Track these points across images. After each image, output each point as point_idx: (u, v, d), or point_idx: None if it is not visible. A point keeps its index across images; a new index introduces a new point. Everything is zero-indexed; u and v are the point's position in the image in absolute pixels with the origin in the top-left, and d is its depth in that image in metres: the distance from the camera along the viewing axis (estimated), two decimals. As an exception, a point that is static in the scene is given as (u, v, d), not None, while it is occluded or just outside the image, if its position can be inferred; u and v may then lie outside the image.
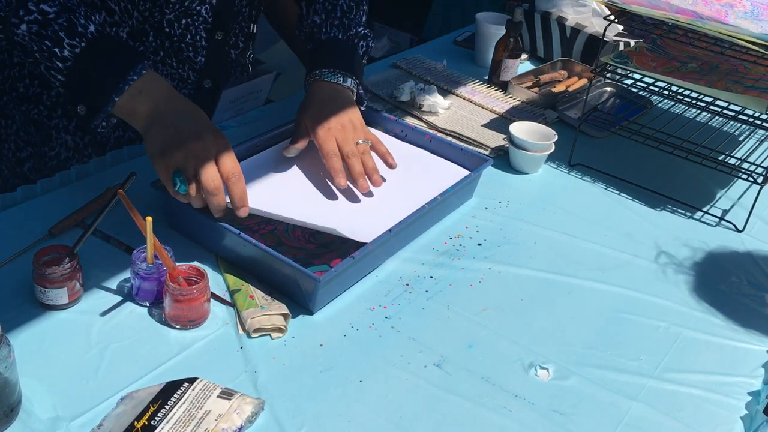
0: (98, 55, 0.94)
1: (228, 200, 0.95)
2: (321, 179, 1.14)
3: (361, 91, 1.21)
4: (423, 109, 1.42)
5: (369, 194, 1.12)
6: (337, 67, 1.17)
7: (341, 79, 1.17)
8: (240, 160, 1.13)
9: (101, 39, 0.95)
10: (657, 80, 1.27)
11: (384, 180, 1.13)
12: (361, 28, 1.24)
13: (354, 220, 1.03)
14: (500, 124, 1.43)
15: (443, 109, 1.43)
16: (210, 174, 0.92)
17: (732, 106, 1.24)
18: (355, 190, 1.11)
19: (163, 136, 0.94)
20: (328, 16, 1.22)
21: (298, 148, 1.12)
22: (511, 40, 1.55)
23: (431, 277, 1.02)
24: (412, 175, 1.19)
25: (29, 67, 1.01)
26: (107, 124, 0.97)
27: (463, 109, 1.47)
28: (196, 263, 0.94)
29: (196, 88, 1.23)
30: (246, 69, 1.33)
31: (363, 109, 1.21)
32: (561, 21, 1.69)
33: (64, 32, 0.93)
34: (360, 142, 1.12)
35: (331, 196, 1.11)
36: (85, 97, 0.95)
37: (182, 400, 0.77)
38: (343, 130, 1.11)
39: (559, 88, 1.57)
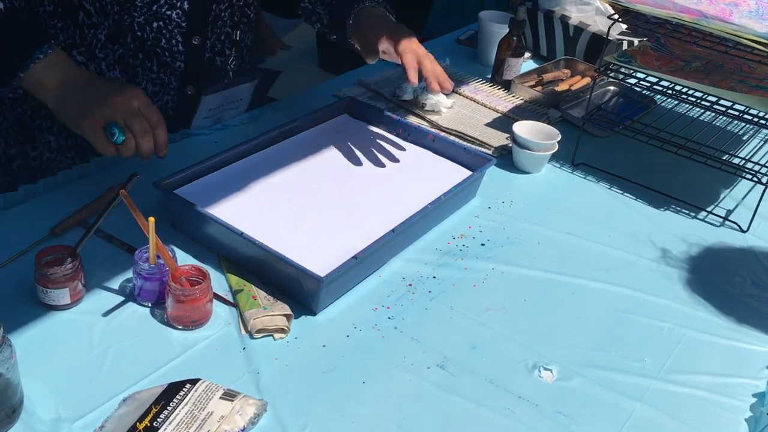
0: (4, 35, 0.98)
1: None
2: (307, 188, 1.12)
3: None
4: (426, 108, 1.41)
5: (373, 191, 1.12)
6: (382, 4, 1.24)
7: (389, 12, 1.24)
8: (238, 159, 1.14)
9: (10, 16, 0.99)
10: (661, 79, 1.27)
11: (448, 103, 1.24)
12: None
13: (327, 242, 1.00)
14: (503, 123, 1.42)
15: (446, 108, 1.42)
16: (139, 122, 0.98)
17: (736, 106, 1.24)
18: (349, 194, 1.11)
19: (79, 101, 0.98)
20: None
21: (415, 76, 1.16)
22: (514, 38, 1.55)
23: (434, 277, 1.02)
24: (415, 175, 1.18)
25: None
26: (13, 95, 1.02)
27: (466, 108, 1.47)
28: (198, 263, 0.94)
29: (179, 95, 1.22)
30: (227, 76, 1.30)
31: None
32: (564, 20, 1.68)
33: None
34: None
35: (325, 204, 1.09)
36: None
37: (185, 401, 0.77)
38: (416, 41, 1.18)
39: (562, 87, 1.57)
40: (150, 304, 0.91)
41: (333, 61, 2.90)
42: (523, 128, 1.30)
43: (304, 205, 1.08)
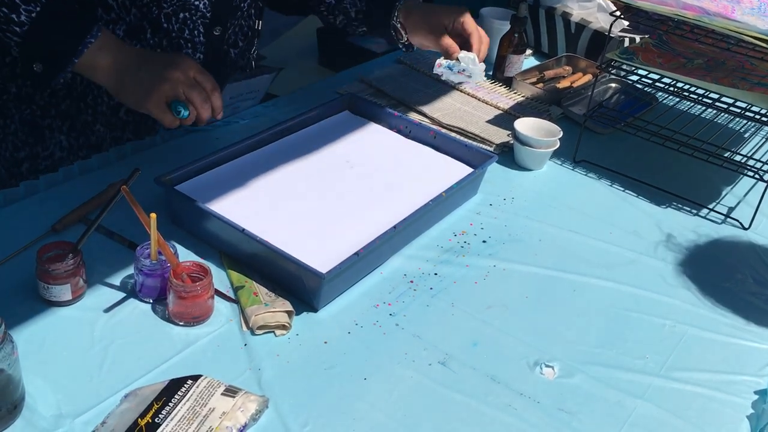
0: (54, 18, 0.98)
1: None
2: (308, 184, 1.12)
3: None
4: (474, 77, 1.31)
5: (373, 191, 1.12)
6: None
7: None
8: (239, 156, 1.14)
9: (55, 3, 0.98)
10: (663, 76, 1.27)
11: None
12: None
13: (329, 238, 1.00)
14: (505, 120, 1.42)
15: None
16: (198, 92, 1.01)
17: (738, 103, 1.24)
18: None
19: (137, 78, 1.00)
20: None
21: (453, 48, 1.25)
22: (516, 35, 1.54)
23: (436, 274, 1.02)
24: (417, 172, 1.18)
25: None
26: (64, 80, 1.02)
27: (468, 105, 1.47)
28: (200, 260, 0.93)
29: None
30: (249, 66, 1.32)
31: None
32: (566, 16, 1.68)
33: None
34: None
35: (326, 200, 1.09)
36: (43, 57, 0.99)
37: (186, 397, 0.77)
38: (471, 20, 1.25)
39: (563, 84, 1.56)
40: (151, 301, 0.91)
41: (334, 58, 2.89)
42: (524, 125, 1.29)
43: (306, 201, 1.08)
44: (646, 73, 1.29)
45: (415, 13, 1.27)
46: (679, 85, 1.26)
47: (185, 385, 0.78)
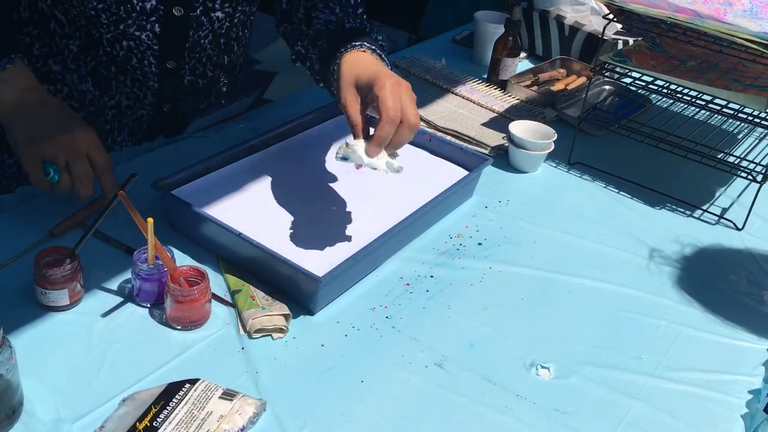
0: None
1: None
2: (304, 188, 1.12)
3: None
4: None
5: (369, 194, 1.12)
6: (374, 45, 1.03)
7: (382, 56, 1.02)
8: (236, 160, 1.14)
9: None
10: (656, 79, 1.28)
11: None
12: (367, 22, 1.15)
13: (324, 241, 1.00)
14: (499, 123, 1.43)
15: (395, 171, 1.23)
16: (81, 166, 0.96)
17: (731, 105, 1.25)
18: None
19: (29, 126, 0.96)
20: (343, 11, 1.12)
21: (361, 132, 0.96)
22: (510, 38, 1.55)
23: (432, 276, 1.02)
24: (412, 175, 1.18)
25: None
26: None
27: (462, 108, 1.47)
28: (197, 264, 0.94)
29: (156, 110, 1.19)
30: (221, 96, 1.25)
31: None
32: (560, 19, 1.69)
33: None
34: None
35: (323, 204, 1.10)
36: None
37: (184, 401, 0.77)
38: (409, 90, 0.95)
39: (558, 87, 1.57)
40: (149, 305, 0.91)
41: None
42: (519, 128, 1.30)
43: (302, 205, 1.09)
44: (640, 75, 1.30)
45: (348, 67, 0.99)
46: (673, 87, 1.27)
47: (183, 389, 0.78)
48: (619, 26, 1.66)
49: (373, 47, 1.02)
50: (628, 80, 1.35)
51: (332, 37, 1.07)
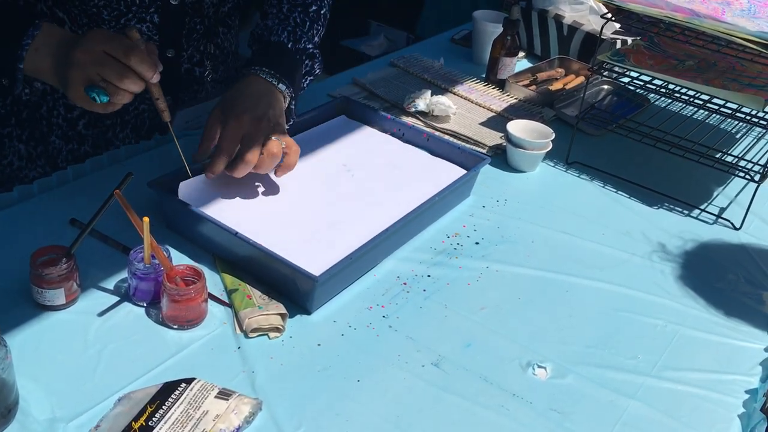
0: None
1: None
2: (301, 187, 1.12)
3: (293, 105, 1.14)
4: (435, 113, 1.40)
5: (366, 192, 1.12)
6: (276, 71, 1.09)
7: (276, 81, 1.09)
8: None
9: None
10: (654, 78, 1.28)
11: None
12: (310, 46, 1.19)
13: (322, 240, 1.01)
14: (498, 122, 1.43)
15: (453, 114, 1.41)
16: (111, 66, 0.90)
17: (729, 104, 1.25)
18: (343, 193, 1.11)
19: (61, 73, 0.93)
20: (280, 23, 1.17)
21: (206, 149, 1.03)
22: (509, 38, 1.55)
23: (429, 276, 1.02)
24: (410, 175, 1.18)
25: None
26: (31, 90, 1.00)
27: (461, 107, 1.47)
28: (193, 263, 0.94)
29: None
30: (203, 87, 1.25)
31: (288, 125, 1.13)
32: (558, 19, 1.69)
33: None
34: (273, 138, 1.02)
35: (320, 203, 1.10)
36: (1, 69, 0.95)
37: (180, 400, 0.77)
38: (258, 124, 1.02)
39: (556, 86, 1.57)
40: (145, 304, 0.91)
41: (327, 62, 2.90)
42: (517, 127, 1.30)
43: (299, 204, 1.09)
44: (638, 74, 1.30)
45: (234, 91, 1.06)
46: (671, 86, 1.27)
47: (179, 389, 0.78)
48: (617, 26, 1.66)
49: (272, 71, 1.09)
50: (626, 80, 1.35)
51: (257, 47, 1.17)
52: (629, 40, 1.61)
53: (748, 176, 1.22)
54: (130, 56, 0.91)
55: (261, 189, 1.10)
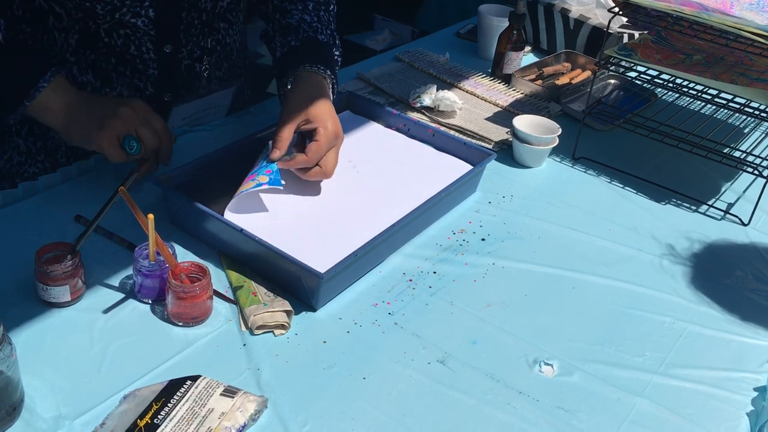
0: (6, 61, 1.01)
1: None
2: (306, 184, 1.11)
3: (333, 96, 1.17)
4: (440, 108, 1.39)
5: (371, 190, 1.11)
6: (331, 71, 1.14)
7: (332, 90, 1.15)
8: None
9: (8, 45, 1.00)
10: (661, 72, 1.26)
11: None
12: (339, 43, 1.22)
13: (328, 238, 1.00)
14: (503, 117, 1.42)
15: (459, 109, 1.40)
16: (148, 131, 1.02)
17: (737, 99, 1.23)
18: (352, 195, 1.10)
19: (89, 118, 1.01)
20: (319, 21, 1.19)
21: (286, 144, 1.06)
22: (515, 32, 1.54)
23: (434, 272, 1.02)
24: (415, 170, 1.18)
25: None
26: (13, 120, 1.02)
27: (466, 102, 1.46)
28: (198, 260, 0.93)
29: (157, 101, 1.19)
30: (201, 84, 1.25)
31: None
32: (564, 13, 1.68)
33: None
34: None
35: (325, 199, 1.09)
36: None
37: (185, 398, 0.77)
38: (337, 137, 1.08)
39: (562, 81, 1.56)
40: (150, 301, 0.91)
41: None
42: (523, 122, 1.29)
43: (304, 201, 1.08)
44: (645, 69, 1.29)
45: (299, 94, 1.10)
46: (678, 81, 1.26)
47: (184, 386, 0.78)
48: (624, 20, 1.65)
49: (332, 75, 1.14)
50: (633, 74, 1.34)
51: (303, 41, 1.16)
52: (636, 34, 1.59)
53: (756, 172, 1.21)
54: (164, 135, 1.05)
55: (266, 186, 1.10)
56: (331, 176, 1.08)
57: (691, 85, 1.26)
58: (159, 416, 0.75)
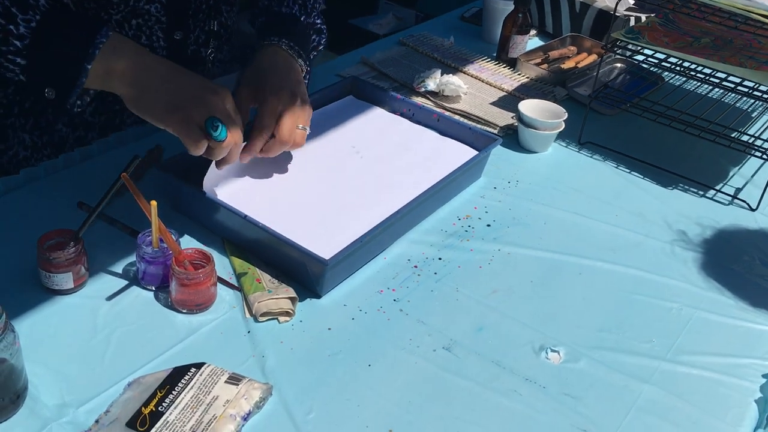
0: (56, 26, 0.89)
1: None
2: (310, 169, 1.10)
3: (307, 81, 1.12)
4: (445, 93, 1.38)
5: (377, 175, 1.11)
6: (295, 44, 1.09)
7: (296, 56, 1.08)
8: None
9: (55, 9, 0.90)
10: (669, 56, 1.25)
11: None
12: (318, 21, 1.18)
13: (331, 224, 0.99)
14: (509, 101, 1.40)
15: (464, 94, 1.39)
16: (235, 127, 0.93)
17: (746, 82, 1.22)
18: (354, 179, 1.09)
19: (169, 93, 0.90)
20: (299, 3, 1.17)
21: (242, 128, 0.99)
22: (520, 15, 1.52)
23: (440, 259, 1.01)
24: (420, 156, 1.17)
25: None
26: (82, 102, 0.93)
27: (471, 87, 1.45)
28: (202, 247, 0.93)
29: None
30: (206, 68, 1.23)
31: None
32: (570, -4, 1.66)
33: (15, 6, 0.87)
34: (299, 127, 1.03)
35: (329, 185, 1.08)
36: (52, 76, 0.89)
37: (190, 385, 0.76)
38: (294, 100, 1.02)
39: (568, 65, 1.55)
40: (154, 288, 0.90)
41: (335, 41, 2.88)
42: (528, 107, 1.28)
43: (308, 187, 1.07)
44: (652, 52, 1.27)
45: (257, 64, 1.06)
46: (686, 64, 1.24)
47: (189, 373, 0.78)
48: (631, 2, 1.63)
49: (291, 44, 1.08)
50: (640, 58, 1.32)
51: (266, 18, 1.15)
52: (643, 17, 1.57)
53: (764, 156, 1.20)
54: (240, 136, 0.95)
55: (270, 171, 1.09)
56: (295, 142, 1.02)
57: (699, 68, 1.24)
58: (163, 404, 0.74)
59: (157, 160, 1.10)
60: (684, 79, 1.47)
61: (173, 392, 0.76)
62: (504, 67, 1.54)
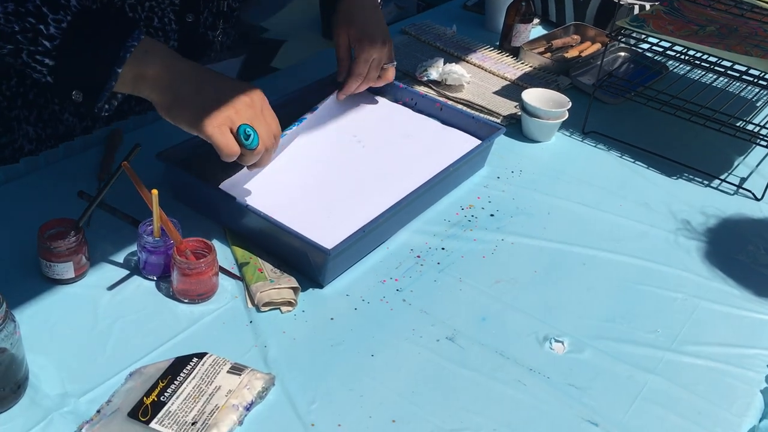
0: (88, 27, 0.86)
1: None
2: (312, 159, 1.09)
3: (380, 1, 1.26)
4: (448, 82, 1.37)
5: (379, 164, 1.10)
6: None
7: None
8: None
9: (86, 10, 0.88)
10: (674, 44, 1.24)
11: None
12: None
13: (336, 214, 0.99)
14: (512, 91, 1.39)
15: (467, 83, 1.38)
16: (267, 128, 0.92)
17: (751, 71, 1.21)
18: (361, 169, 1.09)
19: (199, 98, 0.88)
20: None
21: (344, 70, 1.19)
22: (523, 4, 1.51)
23: (443, 248, 1.00)
24: (423, 145, 1.16)
25: (7, 59, 0.86)
26: (110, 106, 0.91)
27: (474, 76, 1.44)
28: (203, 236, 0.92)
29: None
30: (213, 49, 1.22)
31: None
32: (574, -16, 1.65)
33: (46, 6, 0.84)
34: (385, 66, 1.19)
35: (331, 175, 1.08)
36: (81, 78, 0.86)
37: (192, 375, 0.76)
38: (383, 48, 1.17)
39: (572, 54, 1.54)
40: (155, 278, 0.90)
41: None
42: (532, 96, 1.27)
43: (310, 176, 1.07)
44: (657, 41, 1.26)
45: (345, 12, 1.19)
46: (691, 52, 1.23)
47: (191, 363, 0.77)
48: (635, -10, 1.62)
49: None
50: (644, 46, 1.31)
51: None
52: (648, 5, 1.56)
53: (770, 145, 1.19)
54: (277, 133, 0.95)
55: (272, 159, 1.08)
56: (386, 78, 1.20)
57: (704, 57, 1.23)
58: (165, 394, 0.74)
59: (117, 146, 1.10)
60: (689, 67, 1.46)
61: (175, 382, 0.75)
62: (507, 56, 1.53)
